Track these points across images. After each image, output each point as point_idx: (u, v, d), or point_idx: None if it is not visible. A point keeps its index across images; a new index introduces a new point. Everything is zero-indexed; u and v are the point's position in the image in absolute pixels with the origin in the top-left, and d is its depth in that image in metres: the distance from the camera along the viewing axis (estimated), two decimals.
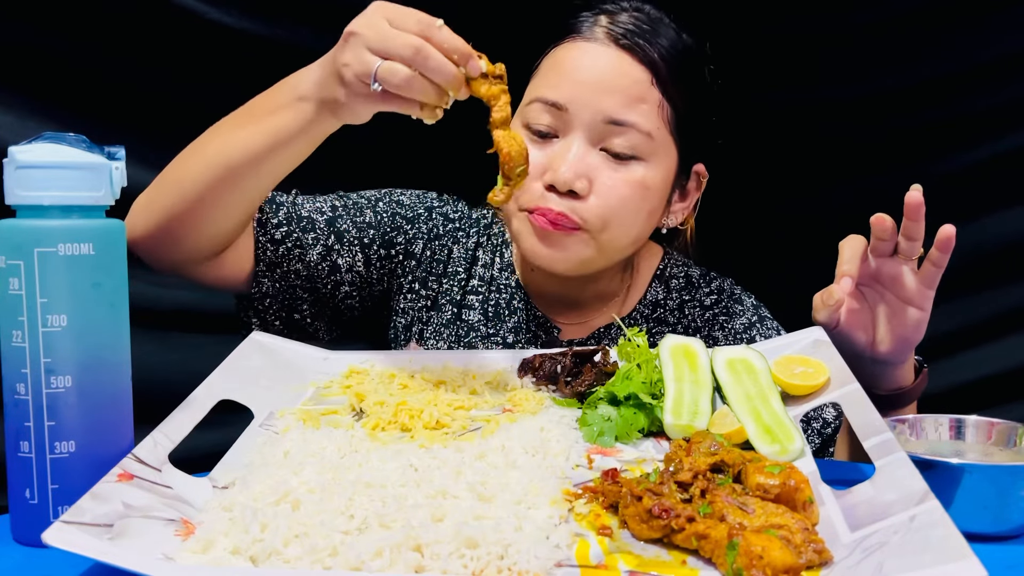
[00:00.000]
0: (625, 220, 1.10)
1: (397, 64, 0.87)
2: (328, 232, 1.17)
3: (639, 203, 1.10)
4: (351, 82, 0.90)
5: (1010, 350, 1.32)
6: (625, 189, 1.08)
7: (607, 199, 1.08)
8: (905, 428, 0.92)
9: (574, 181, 1.06)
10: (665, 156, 1.11)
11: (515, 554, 0.66)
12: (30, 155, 0.74)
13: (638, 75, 1.08)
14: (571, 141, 1.08)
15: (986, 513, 0.79)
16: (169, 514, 0.73)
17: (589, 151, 1.08)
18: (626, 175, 1.09)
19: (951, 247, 0.98)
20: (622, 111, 1.07)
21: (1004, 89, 1.29)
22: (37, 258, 0.73)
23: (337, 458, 0.83)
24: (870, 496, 0.73)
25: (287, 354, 1.08)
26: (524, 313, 1.23)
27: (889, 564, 0.63)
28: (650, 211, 1.13)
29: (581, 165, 1.07)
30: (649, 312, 1.24)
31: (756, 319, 1.24)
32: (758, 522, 0.69)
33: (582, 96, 1.08)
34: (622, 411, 0.92)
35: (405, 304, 1.24)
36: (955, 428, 0.94)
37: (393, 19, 0.89)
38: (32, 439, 0.74)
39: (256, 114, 0.99)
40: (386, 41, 0.87)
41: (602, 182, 1.08)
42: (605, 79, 1.08)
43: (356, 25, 0.90)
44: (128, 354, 0.79)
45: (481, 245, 1.26)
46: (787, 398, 0.94)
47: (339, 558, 0.66)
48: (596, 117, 1.07)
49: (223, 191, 1.01)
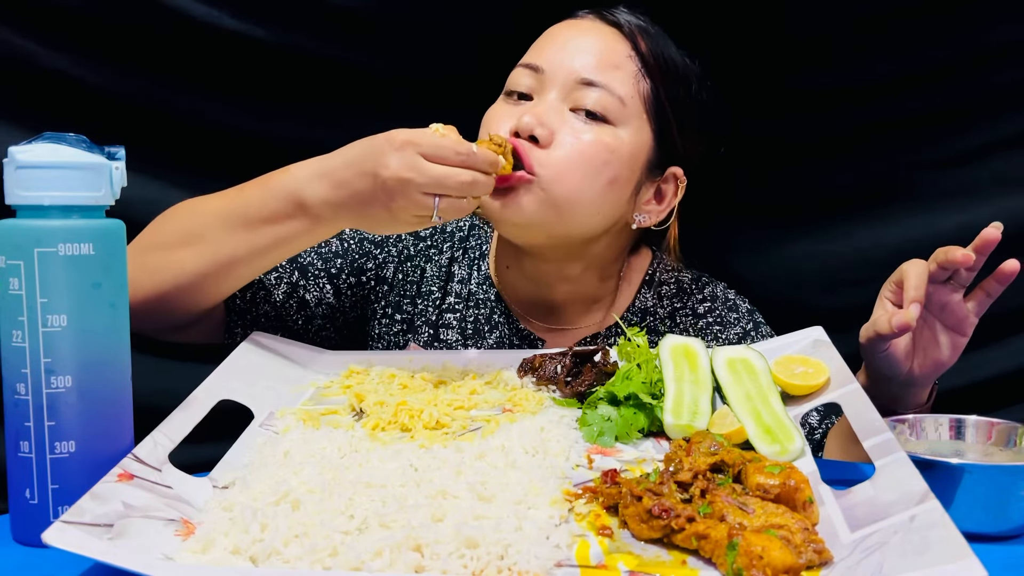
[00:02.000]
0: (581, 176, 1.07)
1: (454, 200, 0.95)
2: (291, 269, 1.15)
3: (599, 165, 1.07)
4: (409, 220, 0.96)
5: (1013, 352, 1.32)
6: (587, 145, 1.07)
7: (567, 151, 1.06)
8: (905, 428, 0.92)
9: (535, 127, 1.06)
10: (636, 131, 1.11)
11: (515, 554, 0.66)
12: (30, 155, 0.74)
13: (616, 45, 1.11)
14: (543, 98, 1.10)
15: (986, 513, 0.79)
16: (169, 514, 0.73)
17: (559, 108, 1.09)
18: (591, 133, 1.08)
19: (1009, 281, 0.98)
20: (595, 72, 1.09)
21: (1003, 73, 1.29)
22: (37, 258, 0.73)
23: (337, 458, 0.83)
24: (870, 496, 0.73)
25: (287, 354, 1.08)
26: (506, 327, 1.20)
27: (889, 564, 0.63)
28: (611, 179, 1.09)
29: (546, 115, 1.08)
30: (638, 320, 1.21)
31: (751, 326, 1.22)
32: (758, 522, 0.69)
33: (558, 57, 1.10)
34: (622, 411, 0.92)
35: (381, 330, 1.22)
36: (955, 428, 0.93)
37: (432, 156, 0.93)
38: (32, 439, 0.74)
39: (252, 220, 0.99)
40: (441, 184, 0.93)
41: (564, 134, 1.07)
42: (582, 42, 1.11)
43: (402, 172, 0.92)
44: (128, 354, 0.79)
45: (456, 260, 1.24)
46: (787, 398, 0.94)
47: (339, 558, 0.66)
48: (569, 77, 1.09)
49: (221, 278, 1.02)
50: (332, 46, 1.27)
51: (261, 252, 1.01)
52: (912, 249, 1.40)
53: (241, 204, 1.00)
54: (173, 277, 1.02)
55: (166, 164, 1.23)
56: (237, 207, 1.01)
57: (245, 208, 1.00)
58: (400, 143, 0.93)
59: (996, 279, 0.99)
